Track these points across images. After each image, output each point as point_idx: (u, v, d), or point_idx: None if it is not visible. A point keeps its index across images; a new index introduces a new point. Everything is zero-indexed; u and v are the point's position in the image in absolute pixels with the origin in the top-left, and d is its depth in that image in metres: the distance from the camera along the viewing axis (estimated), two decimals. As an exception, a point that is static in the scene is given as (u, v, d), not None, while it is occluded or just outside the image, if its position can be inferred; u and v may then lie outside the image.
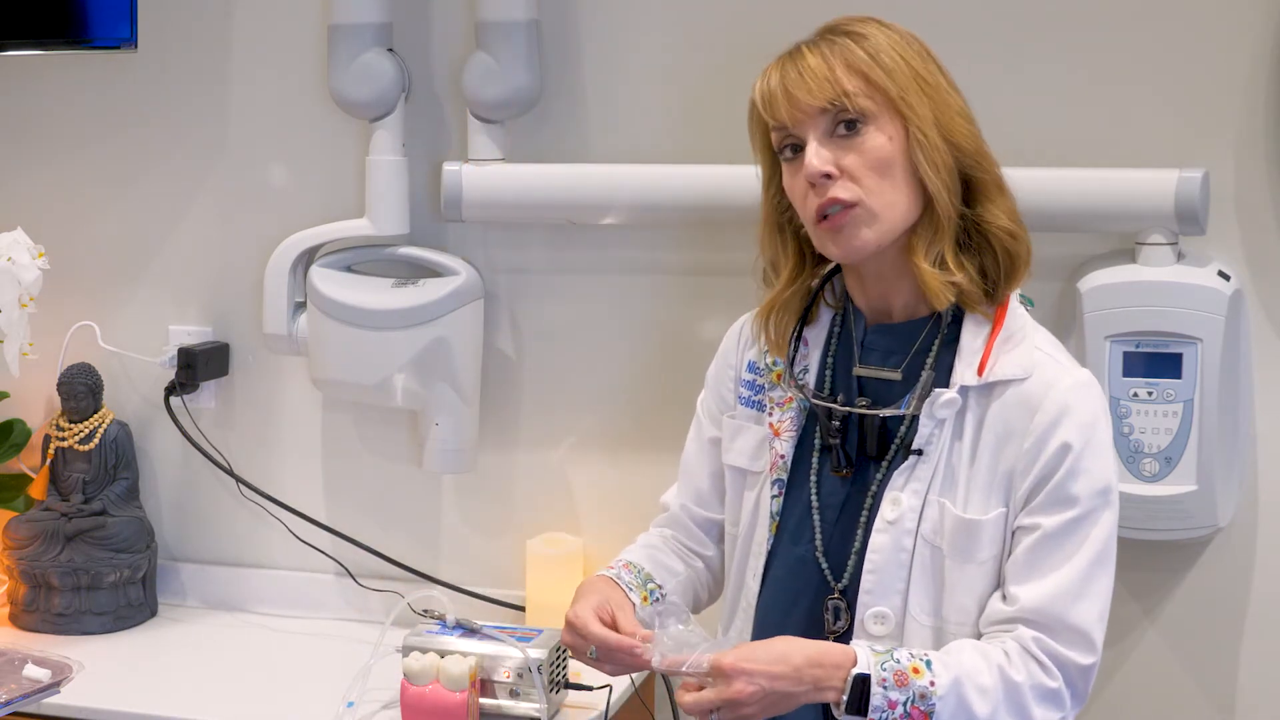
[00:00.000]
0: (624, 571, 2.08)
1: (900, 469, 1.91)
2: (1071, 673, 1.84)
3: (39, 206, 2.90)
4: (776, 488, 2.00)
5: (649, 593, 2.07)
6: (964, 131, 1.91)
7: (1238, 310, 2.36)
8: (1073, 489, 1.85)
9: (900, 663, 1.81)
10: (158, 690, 2.52)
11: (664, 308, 2.66)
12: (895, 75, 1.88)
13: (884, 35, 1.91)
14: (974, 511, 1.88)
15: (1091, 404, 1.88)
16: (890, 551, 1.90)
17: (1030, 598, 1.84)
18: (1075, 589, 1.84)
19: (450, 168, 2.64)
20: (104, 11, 2.73)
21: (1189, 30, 2.39)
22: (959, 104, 1.92)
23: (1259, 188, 2.40)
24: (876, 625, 1.90)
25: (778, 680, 1.79)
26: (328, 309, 2.68)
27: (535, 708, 2.36)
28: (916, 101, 1.88)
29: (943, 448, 1.90)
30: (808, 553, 1.96)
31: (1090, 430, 1.86)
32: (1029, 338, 1.92)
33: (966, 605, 1.88)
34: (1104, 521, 1.86)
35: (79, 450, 2.81)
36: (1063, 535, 1.85)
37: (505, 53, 2.59)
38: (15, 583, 2.77)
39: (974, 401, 1.90)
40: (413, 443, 2.77)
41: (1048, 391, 1.87)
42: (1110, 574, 1.88)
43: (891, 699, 1.79)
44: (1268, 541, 2.45)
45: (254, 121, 2.82)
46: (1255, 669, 2.47)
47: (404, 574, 2.77)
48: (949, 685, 1.80)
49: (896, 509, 1.90)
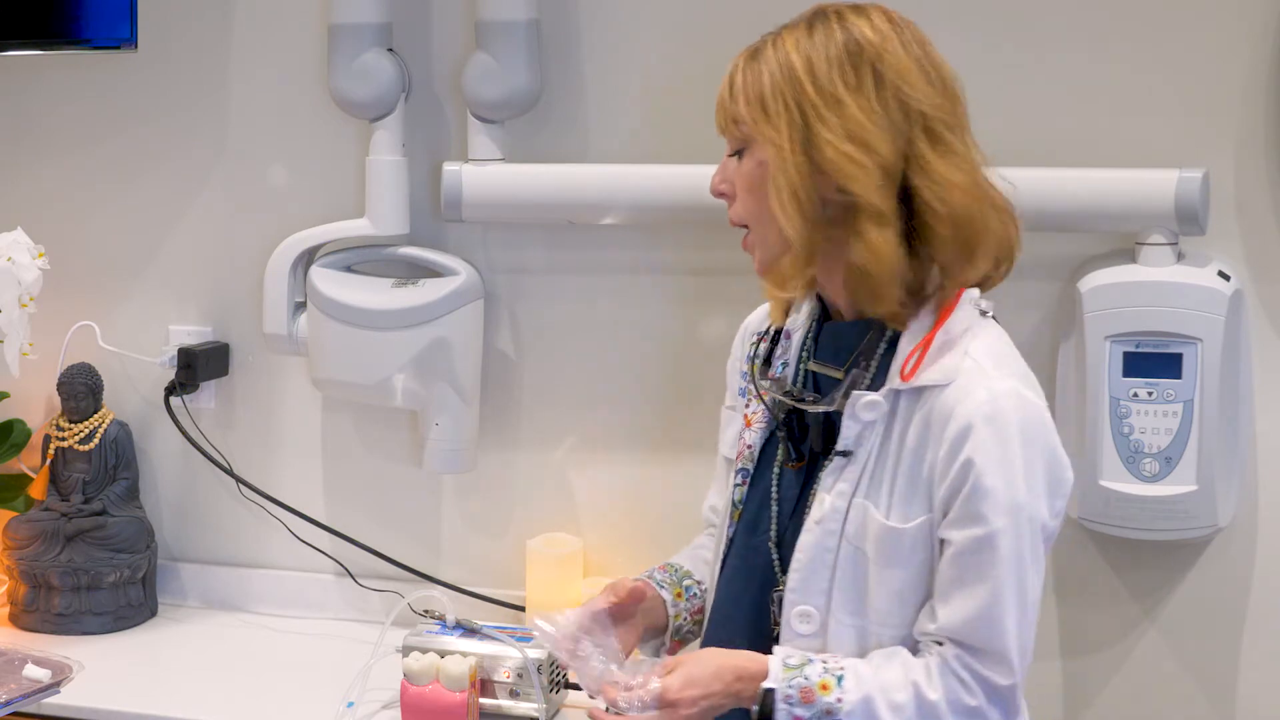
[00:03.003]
0: (658, 572, 2.12)
1: (830, 469, 1.91)
2: (991, 693, 1.81)
3: (39, 206, 2.90)
4: (740, 477, 2.01)
5: (684, 589, 2.11)
6: (836, 156, 1.83)
7: (1238, 310, 2.36)
8: (977, 507, 1.80)
9: (809, 679, 1.82)
10: (158, 690, 2.52)
11: (664, 308, 2.66)
12: (761, 100, 1.87)
13: (794, 43, 1.88)
14: (895, 519, 1.85)
15: (1005, 418, 1.81)
16: (815, 551, 1.90)
17: (946, 616, 1.82)
18: (986, 611, 1.80)
19: (450, 168, 2.64)
20: (104, 11, 2.73)
21: (1189, 30, 2.39)
22: (857, 128, 1.83)
23: (1259, 188, 2.40)
24: (801, 623, 1.90)
25: (710, 698, 1.86)
26: (328, 309, 2.68)
27: (535, 708, 2.36)
28: (774, 125, 1.86)
29: (871, 450, 1.88)
30: (761, 543, 1.97)
31: (998, 446, 1.80)
32: (963, 343, 1.86)
33: (890, 608, 1.86)
34: (1011, 539, 1.79)
35: (79, 450, 2.81)
36: (972, 553, 1.81)
37: (505, 53, 2.59)
38: (15, 583, 2.77)
39: (904, 406, 1.87)
40: (413, 443, 2.77)
41: (961, 402, 1.82)
42: (1025, 589, 1.81)
43: (797, 715, 1.81)
44: (1268, 541, 2.45)
45: (254, 121, 2.82)
46: (1255, 669, 2.47)
47: (404, 574, 2.77)
48: (857, 702, 1.81)
49: (821, 509, 1.90)
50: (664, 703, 1.86)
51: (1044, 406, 1.87)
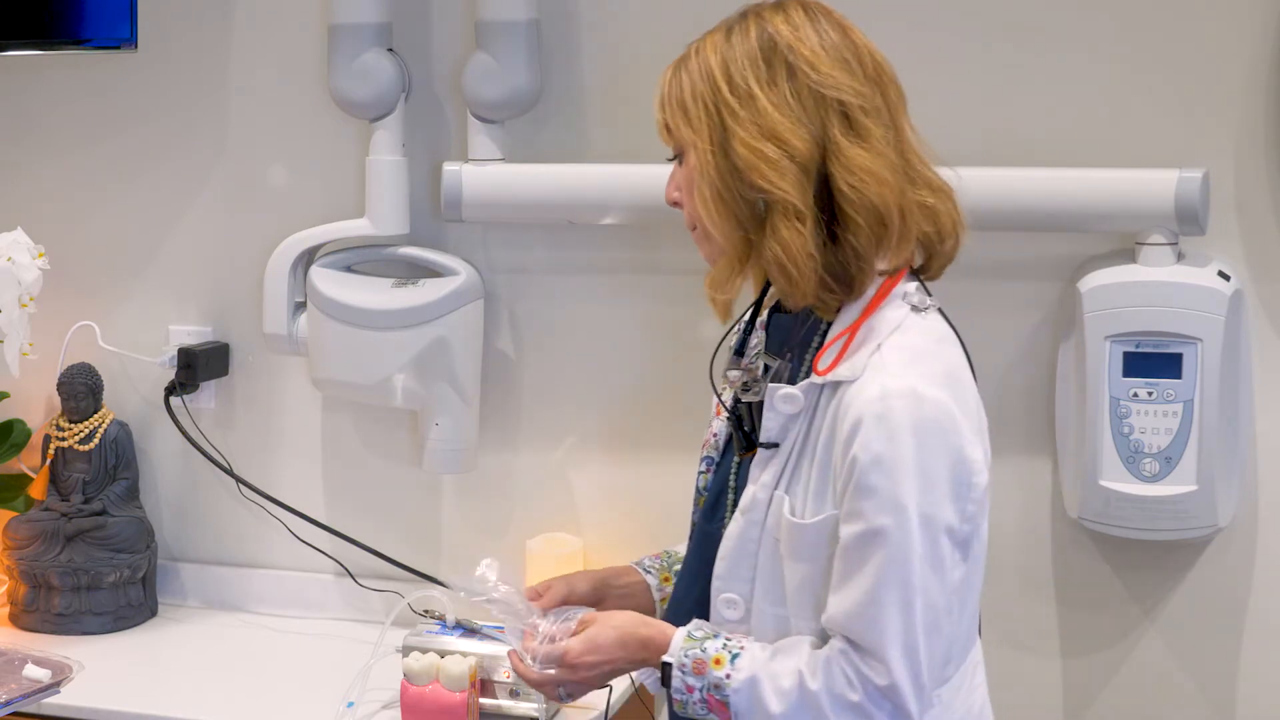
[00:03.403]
0: (649, 558, 2.16)
1: (757, 460, 1.92)
2: (871, 690, 1.80)
3: (39, 206, 2.90)
4: (705, 464, 2.04)
5: (674, 574, 2.13)
6: (748, 154, 1.84)
7: (1238, 310, 2.36)
8: (858, 504, 1.79)
9: (705, 652, 1.87)
10: (158, 690, 2.52)
11: (664, 308, 2.66)
12: (683, 106, 1.89)
13: (712, 46, 1.90)
14: (801, 514, 1.86)
15: (895, 416, 1.78)
16: (740, 541, 1.92)
17: (831, 610, 1.82)
18: (863, 610, 1.79)
19: (450, 168, 2.64)
20: (104, 11, 2.73)
21: (1189, 30, 2.39)
22: (769, 123, 1.84)
23: (1259, 188, 2.40)
24: (728, 610, 1.92)
25: (613, 663, 1.95)
26: (328, 309, 2.68)
27: (535, 708, 2.36)
28: (695, 129, 1.88)
29: (795, 444, 1.89)
30: (716, 530, 1.98)
31: (885, 444, 1.77)
32: (879, 339, 1.85)
33: (802, 600, 1.87)
34: (895, 540, 1.76)
35: (79, 450, 2.81)
36: (854, 550, 1.80)
37: (505, 53, 2.59)
38: (15, 583, 2.77)
39: (824, 400, 1.87)
40: (413, 443, 2.77)
41: (857, 398, 1.81)
42: (911, 591, 1.77)
43: (689, 684, 1.88)
44: (1268, 541, 2.45)
45: (254, 121, 2.82)
46: (1255, 669, 2.47)
47: (404, 574, 2.77)
48: (744, 682, 1.84)
49: (747, 500, 1.92)
50: (564, 664, 1.94)
51: (950, 406, 1.81)
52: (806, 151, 1.84)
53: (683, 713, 1.89)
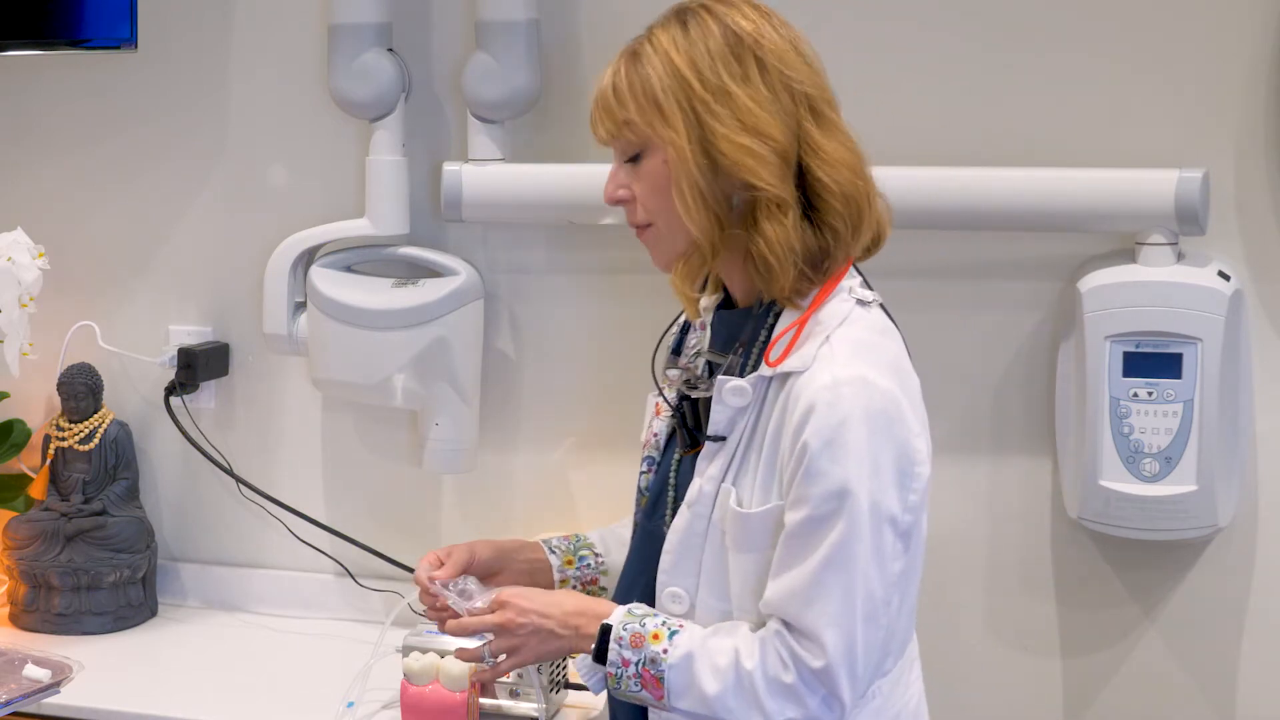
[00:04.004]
0: (558, 538, 2.18)
1: (704, 454, 1.93)
2: (805, 673, 1.81)
3: (39, 206, 2.90)
4: (646, 464, 2.05)
5: (578, 558, 2.17)
6: (732, 150, 1.85)
7: (1238, 310, 2.36)
8: (806, 489, 1.81)
9: (645, 626, 1.88)
10: (158, 690, 2.52)
11: (664, 308, 2.65)
12: (655, 102, 1.88)
13: (671, 42, 1.89)
14: (748, 504, 1.88)
15: (844, 404, 1.80)
16: (685, 534, 1.92)
17: (770, 593, 1.84)
18: (804, 591, 1.80)
19: (450, 168, 2.64)
20: (104, 11, 2.74)
21: (1189, 30, 2.39)
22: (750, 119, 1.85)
23: (1259, 188, 2.40)
24: (673, 604, 1.93)
25: (546, 619, 1.93)
26: (328, 309, 2.68)
27: (534, 708, 2.36)
28: (672, 126, 1.87)
29: (743, 436, 1.90)
30: (657, 528, 1.99)
31: (835, 430, 1.79)
32: (827, 331, 1.87)
33: (745, 593, 1.88)
34: (841, 526, 1.79)
35: (79, 450, 2.81)
36: (798, 535, 1.81)
37: (505, 53, 2.59)
38: (15, 583, 2.77)
39: (772, 393, 1.89)
40: (413, 443, 2.77)
41: (807, 387, 1.83)
42: (854, 578, 1.80)
43: (625, 657, 1.87)
44: (1268, 541, 2.45)
45: (254, 121, 2.82)
46: (1255, 669, 2.47)
47: (404, 574, 2.77)
48: (680, 658, 1.85)
49: (694, 493, 1.92)
50: (497, 602, 1.93)
51: (898, 397, 1.84)
52: (786, 143, 1.86)
53: (615, 689, 1.89)
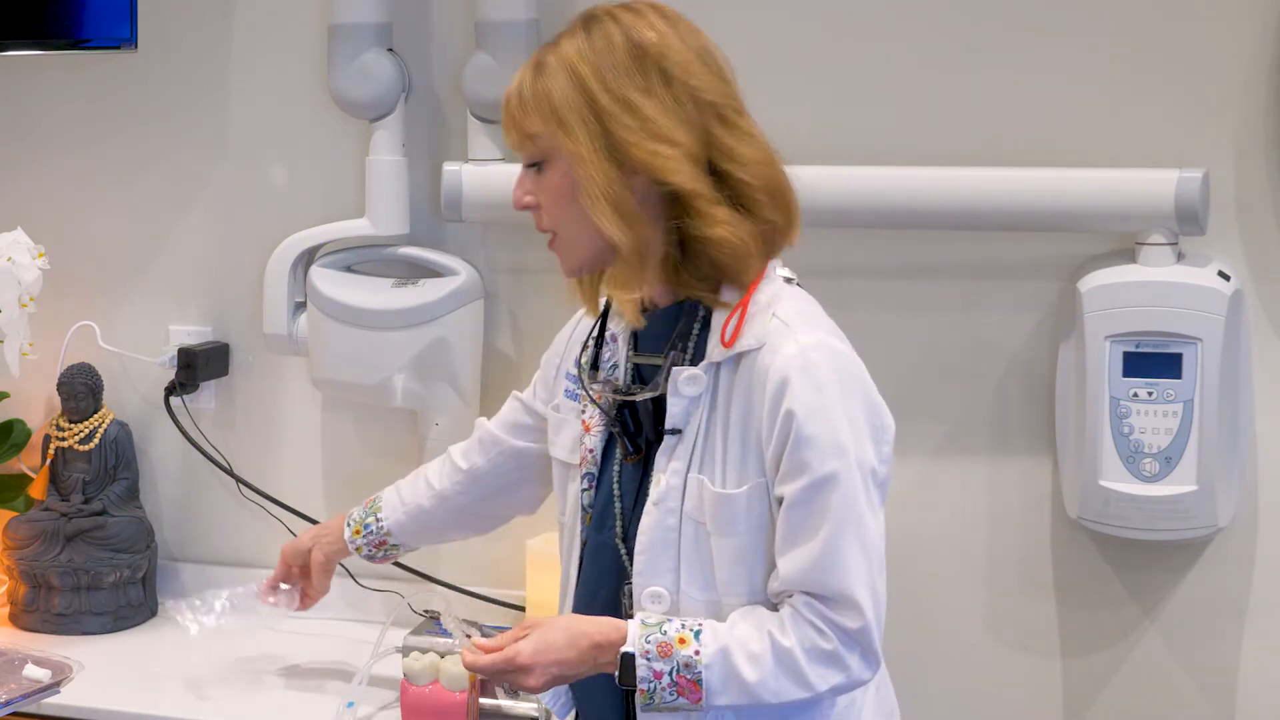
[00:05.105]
0: (358, 507, 2.39)
1: (662, 450, 1.93)
2: (843, 637, 1.83)
3: (39, 206, 2.90)
4: (586, 481, 2.04)
5: (364, 526, 2.37)
6: (641, 154, 1.85)
7: (1238, 310, 2.36)
8: (802, 455, 1.82)
9: (667, 634, 1.86)
10: (158, 690, 2.52)
11: (664, 308, 2.65)
12: (556, 114, 1.87)
13: (575, 53, 1.88)
14: (729, 486, 1.88)
15: (817, 368, 1.84)
16: (657, 531, 1.92)
17: (788, 570, 1.84)
18: (826, 558, 1.82)
19: (450, 168, 2.64)
20: (104, 11, 2.74)
21: (1189, 30, 2.39)
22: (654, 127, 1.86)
23: (1259, 188, 2.40)
24: (653, 604, 1.92)
25: (567, 665, 1.90)
26: (328, 309, 2.68)
27: (535, 708, 2.36)
28: (574, 138, 1.87)
29: (700, 425, 1.91)
30: (608, 539, 1.99)
31: (815, 394, 1.83)
32: (771, 308, 1.89)
33: (734, 575, 1.89)
34: (844, 484, 1.82)
35: (79, 450, 2.81)
36: (804, 503, 1.83)
37: (505, 53, 2.59)
38: (15, 583, 2.77)
39: (724, 377, 1.90)
40: (413, 443, 2.77)
41: (773, 359, 1.85)
42: (865, 533, 1.83)
43: (656, 669, 1.85)
44: (1268, 541, 2.45)
45: (254, 121, 2.82)
46: (1255, 669, 2.47)
47: (404, 574, 2.77)
48: (715, 654, 1.84)
49: (659, 489, 1.92)
50: (516, 666, 1.89)
51: (854, 356, 1.89)
52: (696, 148, 1.87)
53: (648, 704, 1.86)
